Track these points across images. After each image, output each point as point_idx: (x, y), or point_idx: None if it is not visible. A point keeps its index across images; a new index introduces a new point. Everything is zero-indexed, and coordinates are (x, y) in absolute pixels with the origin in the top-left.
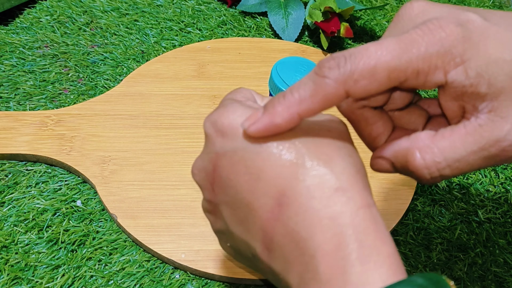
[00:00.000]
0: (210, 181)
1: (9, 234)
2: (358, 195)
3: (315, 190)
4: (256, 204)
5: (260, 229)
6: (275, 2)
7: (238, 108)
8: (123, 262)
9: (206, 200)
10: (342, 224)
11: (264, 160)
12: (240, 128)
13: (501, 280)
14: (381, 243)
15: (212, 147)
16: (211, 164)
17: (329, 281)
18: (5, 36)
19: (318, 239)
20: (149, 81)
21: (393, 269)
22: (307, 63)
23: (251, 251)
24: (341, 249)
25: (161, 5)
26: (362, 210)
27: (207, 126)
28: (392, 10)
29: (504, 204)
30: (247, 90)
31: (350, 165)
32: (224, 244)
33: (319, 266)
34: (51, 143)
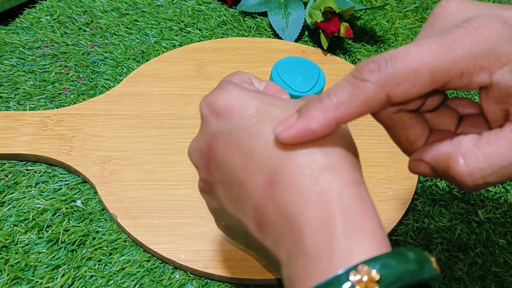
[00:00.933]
0: (205, 161)
1: (9, 234)
2: (346, 173)
3: (305, 168)
4: (249, 182)
5: (252, 207)
6: (275, 2)
7: (234, 89)
8: (123, 262)
9: (202, 180)
10: (330, 200)
11: (258, 140)
12: (235, 108)
13: (501, 280)
14: (366, 219)
15: (207, 128)
16: (206, 145)
17: (316, 254)
18: (5, 36)
19: (306, 215)
20: (149, 81)
21: (377, 244)
22: (307, 63)
23: (244, 228)
24: (328, 224)
25: (161, 5)
26: (349, 188)
27: (203, 107)
28: (392, 10)
29: (504, 204)
30: (245, 74)
31: (340, 144)
32: (219, 224)
33: (306, 240)
34: (51, 143)
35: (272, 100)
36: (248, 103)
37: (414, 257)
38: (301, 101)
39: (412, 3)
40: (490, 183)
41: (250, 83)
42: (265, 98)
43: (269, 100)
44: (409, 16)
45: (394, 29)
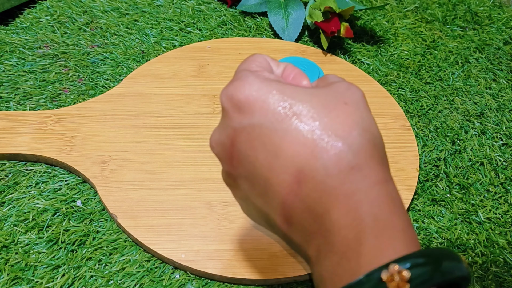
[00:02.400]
0: (228, 156)
1: (9, 234)
2: (373, 171)
3: (332, 167)
4: (275, 180)
5: (279, 204)
6: (275, 2)
7: (254, 81)
8: (123, 262)
9: (225, 172)
10: (357, 201)
11: (282, 138)
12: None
13: (501, 280)
14: (395, 218)
15: (229, 122)
16: (229, 139)
17: (345, 252)
18: (5, 36)
19: (334, 215)
20: (149, 81)
21: (407, 242)
22: (307, 63)
23: (271, 222)
24: (356, 223)
25: (161, 5)
26: (377, 187)
27: (223, 100)
28: (392, 10)
29: (504, 204)
30: (262, 57)
31: (366, 140)
32: (246, 211)
33: (335, 239)
34: (51, 143)
35: (294, 91)
36: (270, 97)
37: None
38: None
39: (412, 3)
40: None
41: (269, 69)
42: (287, 90)
43: (291, 93)
44: (409, 16)
45: (394, 29)
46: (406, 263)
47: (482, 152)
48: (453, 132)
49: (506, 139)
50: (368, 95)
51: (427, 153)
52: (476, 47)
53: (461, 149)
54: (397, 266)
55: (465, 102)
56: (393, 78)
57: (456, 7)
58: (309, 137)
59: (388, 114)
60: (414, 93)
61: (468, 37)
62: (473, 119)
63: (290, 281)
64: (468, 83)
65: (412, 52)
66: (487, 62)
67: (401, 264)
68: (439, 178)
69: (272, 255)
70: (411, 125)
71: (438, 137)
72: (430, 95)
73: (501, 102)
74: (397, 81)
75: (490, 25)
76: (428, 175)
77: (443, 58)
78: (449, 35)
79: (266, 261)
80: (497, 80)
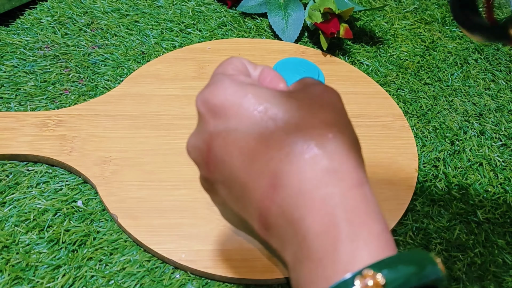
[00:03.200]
0: (205, 161)
1: (10, 234)
2: (349, 175)
3: (307, 171)
4: (251, 185)
5: (256, 209)
6: (275, 3)
7: (229, 86)
8: (124, 262)
9: (203, 178)
10: (333, 205)
11: (257, 142)
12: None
13: (500, 280)
14: (371, 222)
15: (205, 127)
16: (205, 144)
17: (321, 259)
18: (6, 37)
19: (309, 220)
20: (150, 82)
21: (382, 247)
22: (306, 64)
23: (249, 227)
24: (331, 228)
25: (161, 6)
26: (353, 190)
27: (199, 104)
28: (391, 11)
29: (503, 205)
30: (238, 60)
31: (342, 143)
32: (225, 216)
33: (311, 245)
34: (52, 143)
35: (270, 95)
36: (245, 101)
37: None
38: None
39: (412, 4)
40: None
41: (246, 72)
42: (263, 94)
43: (267, 97)
44: (409, 17)
45: (393, 30)
46: (381, 267)
47: (481, 153)
48: (452, 133)
49: (505, 139)
50: (367, 96)
51: (426, 154)
52: (475, 48)
53: (460, 149)
54: (371, 271)
55: (464, 103)
56: (392, 79)
57: None
58: (284, 141)
59: (387, 115)
60: (413, 94)
61: (467, 38)
62: (472, 119)
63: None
64: (467, 83)
65: (411, 53)
66: (486, 63)
67: (375, 269)
68: (438, 179)
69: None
70: (410, 125)
71: (437, 137)
72: (429, 95)
73: (500, 102)
74: (396, 82)
75: None
76: (427, 176)
77: (442, 59)
78: (448, 36)
79: (266, 261)
80: (496, 81)
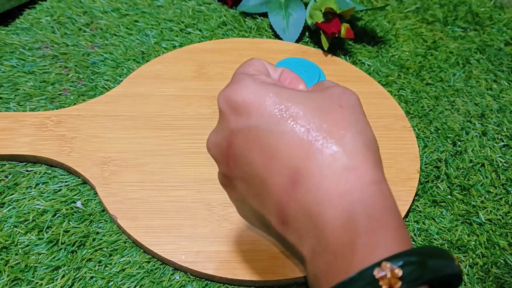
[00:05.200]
0: (225, 157)
1: (9, 235)
2: (367, 172)
3: (327, 168)
4: (271, 181)
5: (274, 205)
6: (275, 3)
7: (251, 84)
8: (123, 263)
9: (222, 174)
10: (351, 201)
11: (278, 139)
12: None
13: (502, 281)
14: (388, 217)
15: (226, 124)
16: (226, 141)
17: (339, 251)
18: (5, 36)
19: (328, 215)
20: (149, 82)
21: (399, 241)
22: (307, 64)
23: (266, 222)
24: (350, 223)
25: (161, 5)
26: (371, 187)
27: (221, 102)
28: (392, 11)
29: (505, 205)
30: (259, 61)
31: (361, 142)
32: (242, 212)
33: (329, 239)
34: (51, 144)
35: (291, 95)
36: (267, 100)
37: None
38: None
39: (413, 4)
40: None
41: (266, 73)
42: (284, 93)
43: (288, 96)
44: (410, 17)
45: (395, 30)
46: (398, 261)
47: (483, 153)
48: (454, 133)
49: (507, 140)
50: (368, 96)
51: (428, 154)
52: (477, 48)
53: (462, 150)
54: (389, 263)
55: (466, 103)
56: (394, 79)
57: (457, 8)
58: (304, 138)
59: (389, 115)
60: (415, 94)
61: (469, 38)
62: (474, 120)
63: (290, 282)
64: (469, 84)
65: (413, 53)
66: (488, 63)
67: (393, 262)
68: (440, 179)
69: (272, 257)
70: (412, 126)
71: (439, 138)
72: (431, 96)
73: (502, 103)
74: (398, 82)
75: (491, 26)
76: (429, 176)
77: (444, 59)
78: (450, 36)
79: (266, 263)
80: (498, 81)
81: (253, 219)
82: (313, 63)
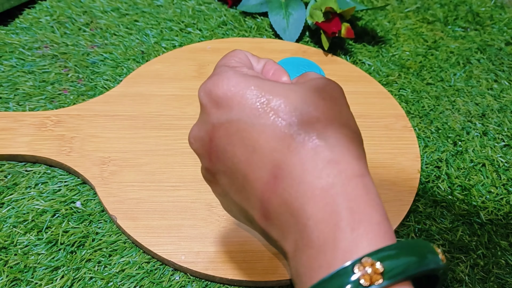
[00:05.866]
0: (207, 151)
1: (8, 235)
2: (350, 166)
3: (308, 162)
4: (253, 175)
5: (257, 199)
6: (275, 3)
7: (232, 76)
8: (123, 264)
9: (204, 168)
10: (334, 195)
11: (259, 133)
12: (235, 98)
13: (503, 282)
14: (371, 211)
15: (207, 118)
16: (208, 135)
17: (321, 246)
18: (5, 36)
19: (311, 209)
20: (149, 82)
21: (382, 235)
22: (308, 63)
23: (249, 217)
24: (332, 217)
25: (161, 5)
26: (354, 180)
27: (202, 95)
28: (393, 10)
29: (506, 206)
30: (242, 53)
31: (343, 135)
32: (226, 207)
33: (312, 233)
34: (51, 144)
35: (272, 87)
36: (248, 92)
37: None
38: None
39: (414, 4)
40: None
41: (249, 65)
42: (265, 86)
43: (269, 88)
44: (410, 17)
45: (395, 30)
46: (380, 256)
47: (484, 153)
48: (454, 133)
49: (508, 140)
50: (369, 96)
51: (428, 154)
52: (478, 47)
53: (463, 150)
54: (370, 259)
55: (467, 103)
56: (395, 79)
57: (458, 8)
58: (286, 132)
59: (389, 115)
60: (415, 94)
61: (469, 38)
62: (474, 120)
63: (290, 283)
64: (470, 84)
65: (414, 52)
66: (489, 63)
67: (374, 257)
68: (440, 180)
69: (272, 257)
70: (412, 126)
71: (439, 138)
72: (431, 96)
73: (503, 103)
74: (398, 82)
75: (491, 26)
76: (429, 177)
77: (445, 58)
78: (450, 35)
79: (267, 263)
80: (498, 81)
81: (237, 214)
82: (314, 63)
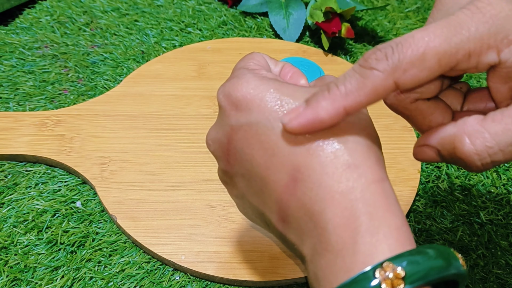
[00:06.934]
0: (225, 153)
1: (8, 235)
2: (369, 170)
3: (328, 166)
4: (271, 178)
5: (275, 202)
6: (276, 3)
7: (252, 79)
8: (123, 264)
9: (221, 170)
10: (353, 199)
11: (278, 136)
12: (254, 101)
13: (503, 282)
14: (390, 216)
15: (226, 120)
16: (226, 137)
17: (340, 251)
18: (5, 36)
19: (330, 213)
20: (149, 82)
21: (401, 241)
22: (308, 63)
23: (266, 220)
24: (352, 222)
25: (161, 5)
26: (373, 185)
27: (221, 97)
28: (393, 10)
29: (506, 206)
30: (260, 56)
31: (363, 140)
32: (242, 209)
33: (330, 238)
34: (51, 143)
35: (292, 90)
36: (268, 95)
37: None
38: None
39: (414, 4)
40: (498, 162)
41: (267, 68)
42: (285, 89)
43: (289, 91)
44: (411, 17)
45: (395, 30)
46: (401, 261)
47: None
48: None
49: None
50: None
51: None
52: None
53: None
54: (392, 264)
55: None
56: None
57: None
58: (305, 136)
59: (389, 115)
60: None
61: None
62: None
63: (291, 283)
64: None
65: None
66: None
67: (395, 262)
68: (440, 179)
69: (273, 257)
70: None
71: None
72: None
73: None
74: None
75: None
76: (429, 177)
77: None
78: None
79: (267, 263)
80: None
81: (253, 216)
82: (314, 63)
